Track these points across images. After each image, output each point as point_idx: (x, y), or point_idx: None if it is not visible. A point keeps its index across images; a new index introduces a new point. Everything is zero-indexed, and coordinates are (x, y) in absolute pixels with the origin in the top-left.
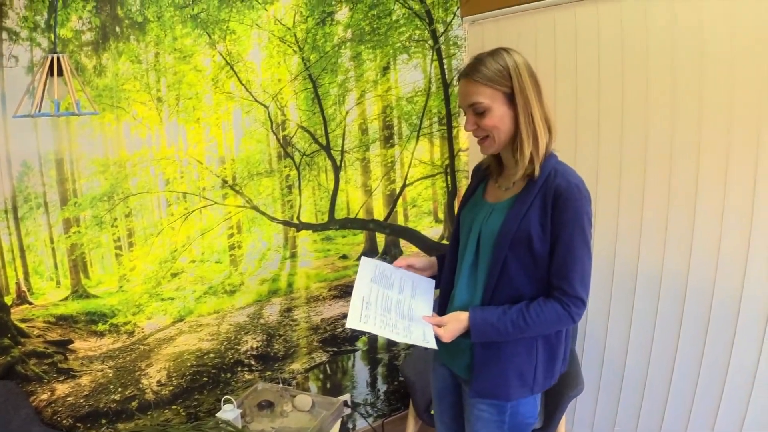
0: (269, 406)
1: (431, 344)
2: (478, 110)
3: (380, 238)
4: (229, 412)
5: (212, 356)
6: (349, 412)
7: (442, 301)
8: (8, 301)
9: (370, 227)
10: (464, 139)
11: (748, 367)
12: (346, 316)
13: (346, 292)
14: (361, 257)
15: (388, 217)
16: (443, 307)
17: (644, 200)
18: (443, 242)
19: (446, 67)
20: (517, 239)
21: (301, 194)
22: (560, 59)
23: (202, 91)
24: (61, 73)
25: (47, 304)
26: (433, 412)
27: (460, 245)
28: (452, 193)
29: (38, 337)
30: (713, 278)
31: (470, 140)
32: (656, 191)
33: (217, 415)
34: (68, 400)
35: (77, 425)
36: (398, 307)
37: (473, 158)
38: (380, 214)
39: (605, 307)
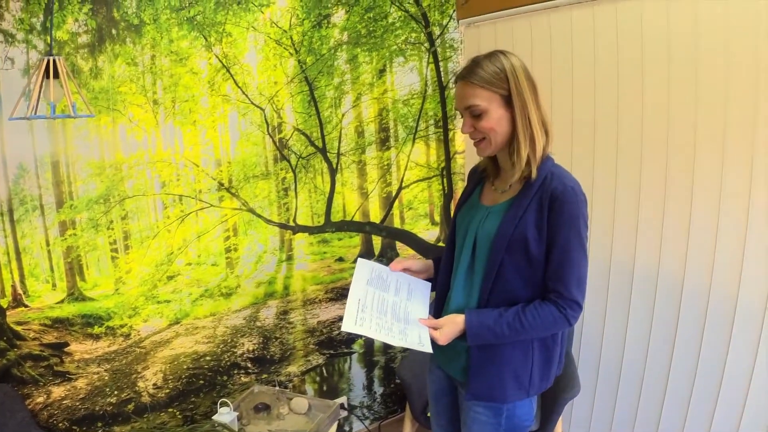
0: (266, 408)
1: (427, 347)
2: (475, 113)
3: (376, 240)
4: (225, 414)
5: (208, 359)
6: (345, 414)
7: (438, 303)
8: (4, 303)
9: (366, 230)
10: (460, 141)
11: (744, 368)
12: (342, 318)
13: (342, 294)
14: (357, 259)
15: (384, 219)
16: (439, 309)
17: (640, 202)
18: (439, 245)
19: (442, 69)
20: (513, 242)
21: (297, 197)
22: (556, 62)
23: (198, 93)
24: (57, 75)
25: (43, 306)
26: (429, 414)
27: (456, 248)
28: (448, 195)
29: (34, 339)
30: (709, 280)
31: (466, 143)
32: (652, 193)
33: (213, 418)
34: (64, 403)
35: (73, 428)
36: (394, 309)
37: (469, 161)
38: (376, 216)
39: (601, 309)
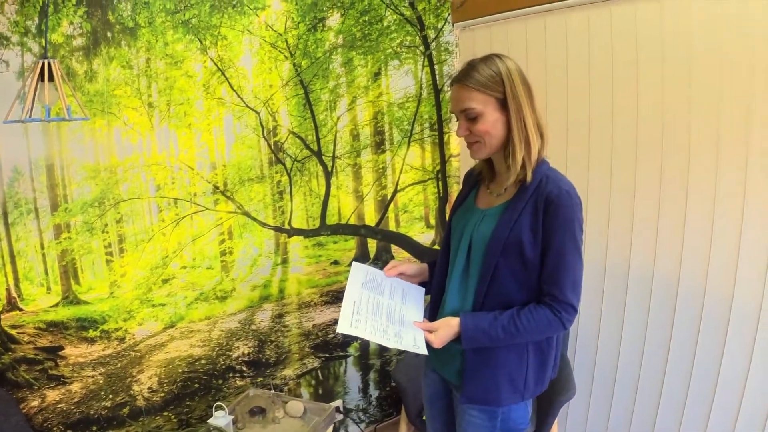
0: (261, 412)
1: (422, 350)
2: (470, 116)
3: (371, 243)
4: (220, 418)
5: (204, 362)
6: (341, 418)
7: (432, 306)
8: None
9: (361, 233)
10: (455, 144)
11: (739, 370)
12: (337, 321)
13: (337, 297)
14: (352, 263)
15: (379, 222)
16: (434, 312)
17: (635, 204)
18: (434, 248)
19: (437, 72)
20: (508, 245)
21: (292, 200)
22: (551, 65)
23: (193, 96)
24: (51, 78)
25: (38, 310)
26: (425, 417)
27: (451, 251)
28: (443, 198)
29: (29, 343)
30: (704, 282)
31: (461, 146)
32: (647, 195)
33: (208, 421)
34: (59, 406)
35: None
36: (389, 312)
37: (464, 164)
38: (371, 219)
39: (596, 311)
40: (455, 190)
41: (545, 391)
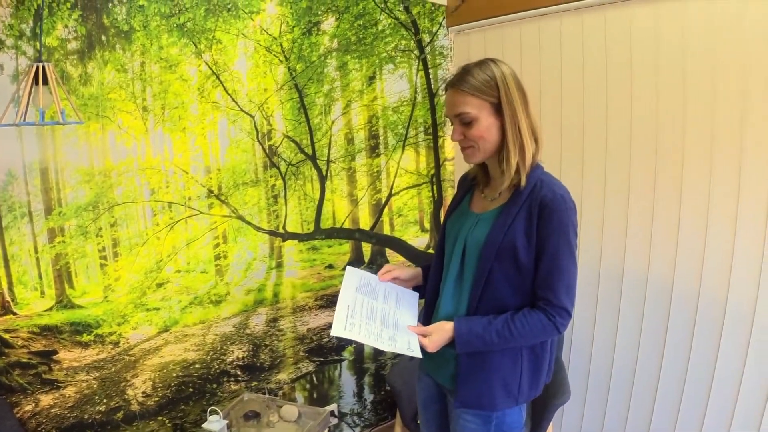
0: (255, 416)
1: (416, 353)
2: (464, 120)
3: (366, 247)
4: (215, 422)
5: (198, 367)
6: (335, 422)
7: (427, 310)
8: None
9: (356, 237)
10: (450, 148)
11: (733, 372)
12: (332, 325)
13: (332, 301)
14: (346, 267)
15: (374, 226)
16: (428, 317)
17: (629, 208)
18: (429, 251)
19: (432, 76)
20: (502, 250)
21: (286, 204)
22: (545, 69)
23: (188, 100)
24: (46, 81)
25: (31, 314)
26: (419, 421)
27: (445, 255)
28: (438, 202)
29: (22, 347)
30: (698, 285)
31: (456, 150)
32: (641, 199)
33: (203, 426)
34: (53, 411)
35: None
36: (383, 316)
37: (459, 168)
38: (366, 223)
39: (591, 314)
40: (450, 194)
41: (540, 394)
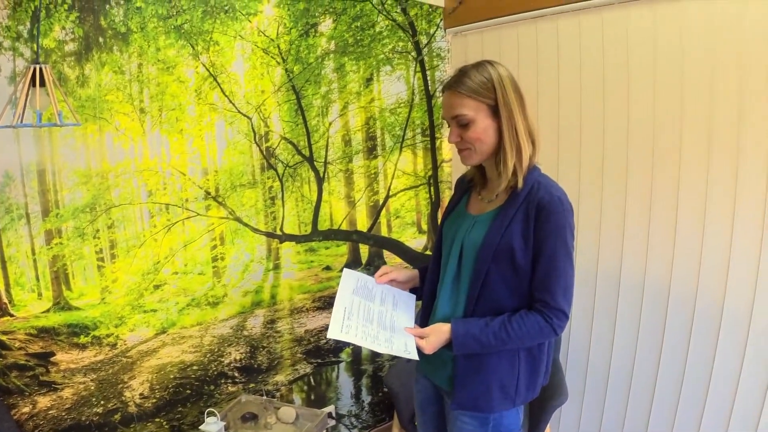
0: (253, 418)
1: (413, 355)
2: (461, 122)
3: (363, 249)
4: (212, 424)
5: (195, 368)
6: (333, 423)
7: (424, 312)
8: None
9: (353, 238)
10: (447, 150)
11: (731, 374)
12: (329, 327)
13: (329, 303)
14: (343, 269)
15: (371, 228)
16: (425, 318)
17: (626, 210)
18: (426, 253)
19: (429, 78)
20: (499, 251)
21: (284, 206)
22: (543, 70)
23: (185, 102)
24: (43, 83)
25: (29, 316)
26: (417, 423)
27: (442, 257)
28: (435, 204)
29: (19, 349)
30: (695, 285)
31: (453, 151)
32: (638, 200)
33: (200, 427)
34: (50, 413)
35: None
36: (380, 318)
37: (456, 169)
38: (363, 225)
39: (589, 315)
40: (447, 195)
41: (537, 396)
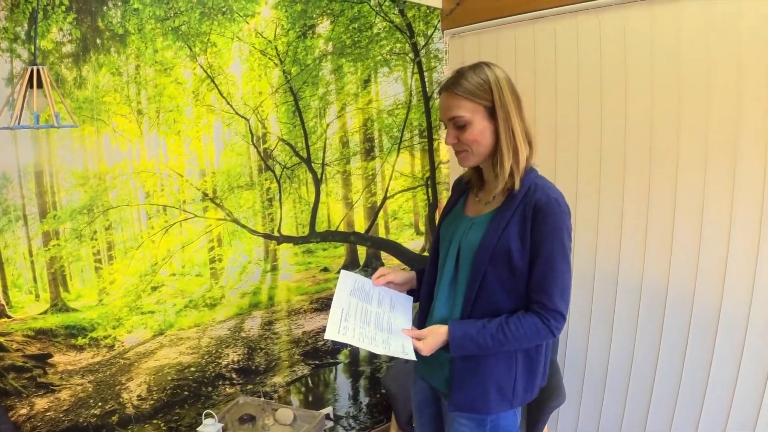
0: (251, 419)
1: (410, 356)
2: (458, 124)
3: (361, 250)
4: (210, 426)
5: (193, 370)
6: (331, 425)
7: (421, 314)
8: None
9: (351, 240)
10: (445, 151)
11: (728, 375)
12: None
13: (327, 305)
14: (340, 271)
15: (369, 229)
16: (423, 320)
17: (623, 212)
18: (424, 254)
19: (427, 80)
20: (496, 253)
21: (281, 207)
22: (540, 71)
23: (182, 103)
24: (40, 85)
25: (26, 317)
26: (414, 424)
27: (439, 259)
28: (433, 205)
29: (17, 351)
30: (693, 287)
31: (451, 153)
32: (635, 202)
33: (198, 429)
34: (48, 414)
35: None
36: (377, 320)
37: (454, 171)
38: (361, 226)
39: (586, 317)
40: (445, 197)
41: (535, 397)
